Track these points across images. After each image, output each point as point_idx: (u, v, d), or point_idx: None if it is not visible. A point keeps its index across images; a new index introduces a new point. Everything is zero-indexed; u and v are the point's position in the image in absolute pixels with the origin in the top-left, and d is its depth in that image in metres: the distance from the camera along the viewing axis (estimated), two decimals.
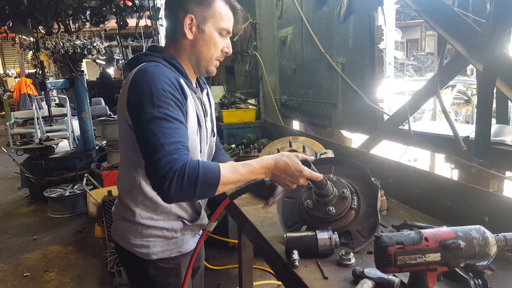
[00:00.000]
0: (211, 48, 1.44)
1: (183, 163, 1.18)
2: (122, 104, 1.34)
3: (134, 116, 1.29)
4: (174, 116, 1.26)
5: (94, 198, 3.34)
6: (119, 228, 1.52)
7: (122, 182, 1.49)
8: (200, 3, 1.40)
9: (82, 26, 6.83)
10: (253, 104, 4.46)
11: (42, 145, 5.84)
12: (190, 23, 1.40)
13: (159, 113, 1.23)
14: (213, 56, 1.46)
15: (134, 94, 1.28)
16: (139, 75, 1.30)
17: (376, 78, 2.44)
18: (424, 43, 18.56)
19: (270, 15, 4.06)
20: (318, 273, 1.30)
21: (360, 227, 1.47)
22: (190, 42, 1.43)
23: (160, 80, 1.28)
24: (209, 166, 1.23)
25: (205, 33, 1.42)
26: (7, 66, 20.32)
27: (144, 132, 1.24)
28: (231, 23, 1.47)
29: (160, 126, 1.22)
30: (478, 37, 1.73)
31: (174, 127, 1.24)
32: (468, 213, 1.56)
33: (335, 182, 1.47)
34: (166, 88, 1.27)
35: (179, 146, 1.22)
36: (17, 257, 4.21)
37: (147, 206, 1.44)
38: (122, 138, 1.43)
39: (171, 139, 1.21)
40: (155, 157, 1.19)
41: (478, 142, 1.75)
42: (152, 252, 1.46)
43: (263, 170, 1.32)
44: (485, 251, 0.98)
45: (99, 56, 14.48)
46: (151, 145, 1.21)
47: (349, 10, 2.60)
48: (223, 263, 3.72)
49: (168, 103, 1.26)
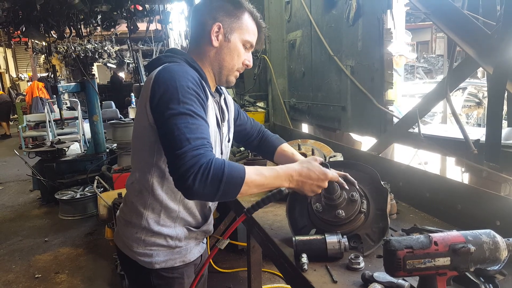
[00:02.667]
0: (234, 57, 1.47)
1: (209, 158, 1.17)
2: (144, 102, 1.34)
3: (158, 112, 1.28)
4: (199, 113, 1.26)
5: (104, 200, 3.36)
6: (122, 235, 1.50)
7: (133, 183, 1.47)
8: (229, 14, 1.44)
9: (94, 31, 6.92)
10: (262, 107, 4.47)
11: (54, 148, 5.91)
12: (218, 31, 1.43)
13: (184, 108, 1.23)
14: (235, 66, 1.49)
15: (158, 91, 1.28)
16: (163, 73, 1.31)
17: (386, 81, 2.43)
18: (434, 45, 18.44)
19: (279, 19, 4.07)
20: (327, 277, 1.30)
21: (369, 230, 1.47)
22: (214, 50, 1.45)
23: (184, 77, 1.29)
24: (234, 165, 1.23)
25: (231, 42, 1.45)
26: (20, 70, 20.65)
27: (169, 127, 1.23)
28: (255, 38, 1.51)
29: (185, 122, 1.22)
30: (488, 40, 1.71)
31: (199, 123, 1.24)
32: (479, 217, 1.54)
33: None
34: (190, 85, 1.28)
35: (204, 142, 1.22)
36: (29, 259, 4.26)
37: (155, 209, 1.43)
38: (137, 138, 1.43)
39: (197, 135, 1.21)
40: (181, 151, 1.17)
41: (489, 145, 1.74)
42: (155, 261, 1.44)
43: (288, 177, 1.32)
44: (496, 255, 0.97)
45: (110, 60, 14.63)
46: (176, 139, 1.20)
47: (358, 13, 2.60)
48: (232, 266, 3.72)
49: (192, 100, 1.26)
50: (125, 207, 1.52)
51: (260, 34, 1.53)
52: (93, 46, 13.41)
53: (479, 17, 1.84)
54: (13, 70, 20.79)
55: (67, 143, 6.31)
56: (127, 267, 1.54)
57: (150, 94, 1.31)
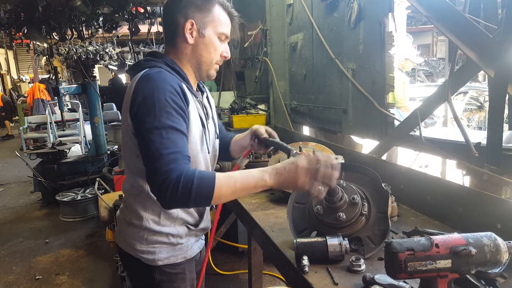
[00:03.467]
0: (211, 52, 1.48)
1: (179, 173, 1.21)
2: (126, 110, 1.36)
3: (136, 124, 1.32)
4: (175, 126, 1.28)
5: (105, 202, 3.36)
6: (124, 234, 1.53)
7: (130, 187, 1.49)
8: (200, 9, 1.43)
9: (95, 32, 6.93)
10: (263, 110, 4.48)
11: (55, 150, 5.92)
12: (191, 28, 1.43)
13: (160, 123, 1.26)
14: (213, 60, 1.50)
15: (136, 102, 1.31)
16: (142, 82, 1.32)
17: (387, 83, 2.43)
18: (435, 48, 18.43)
19: (280, 22, 4.08)
20: (328, 279, 1.30)
21: (370, 233, 1.47)
22: (191, 47, 1.46)
23: (163, 88, 1.30)
24: (204, 175, 1.24)
25: (206, 37, 1.45)
26: (21, 72, 20.67)
27: (144, 142, 1.28)
28: (229, 29, 1.51)
29: (160, 137, 1.25)
30: (490, 44, 1.72)
31: (173, 137, 1.26)
32: (480, 220, 1.54)
33: (345, 188, 1.46)
34: (168, 96, 1.29)
35: (177, 156, 1.24)
36: (29, 260, 4.26)
37: (155, 211, 1.46)
38: (126, 144, 1.45)
39: (170, 149, 1.24)
40: (154, 167, 1.23)
41: (490, 148, 1.74)
42: (158, 258, 1.47)
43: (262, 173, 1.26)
44: (497, 258, 0.97)
45: (111, 62, 14.65)
46: (151, 154, 1.25)
47: (359, 16, 2.60)
48: (232, 268, 3.72)
49: (169, 113, 1.28)
50: (125, 209, 1.54)
51: (233, 23, 1.52)
52: (94, 48, 13.43)
53: (481, 20, 1.85)
54: (15, 72, 20.82)
55: (68, 144, 6.32)
56: (129, 265, 1.56)
57: (130, 103, 1.33)
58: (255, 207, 2.07)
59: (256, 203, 2.13)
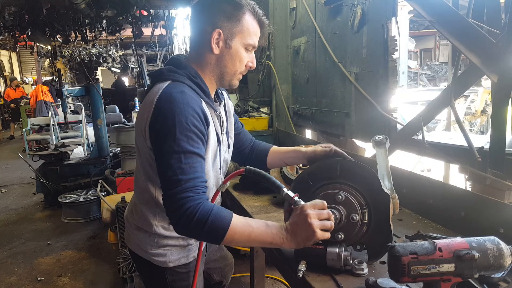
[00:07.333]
0: (236, 63, 1.43)
1: (197, 203, 1.21)
2: (144, 123, 1.33)
3: (156, 145, 1.32)
4: (194, 150, 1.27)
5: (108, 204, 3.37)
6: (134, 237, 1.54)
7: (142, 192, 1.49)
8: (229, 18, 1.37)
9: (99, 35, 6.95)
10: (266, 113, 4.48)
11: (58, 151, 5.94)
12: (218, 38, 1.37)
13: (179, 147, 1.25)
14: (237, 71, 1.45)
15: (157, 122, 1.29)
16: (164, 102, 1.28)
17: (390, 87, 2.44)
18: (438, 53, 18.43)
19: (283, 25, 4.09)
20: (331, 283, 1.30)
21: (373, 238, 1.46)
22: (216, 57, 1.41)
23: (185, 110, 1.27)
24: (222, 214, 1.23)
25: (232, 48, 1.40)
26: (25, 74, 20.75)
27: (163, 165, 1.27)
28: (257, 38, 1.45)
29: (179, 161, 1.24)
30: (493, 48, 1.72)
31: (192, 162, 1.26)
32: (483, 224, 1.54)
33: (344, 202, 1.39)
34: (189, 120, 1.27)
35: (196, 183, 1.24)
36: (32, 262, 4.26)
37: (165, 218, 1.43)
38: (140, 152, 1.43)
39: (189, 175, 1.24)
40: (171, 192, 1.24)
41: (493, 152, 1.74)
42: (169, 260, 1.49)
43: (279, 229, 1.26)
44: (500, 262, 0.98)
45: (114, 64, 14.68)
46: (168, 179, 1.25)
47: (363, 20, 2.61)
48: (234, 271, 3.70)
49: (189, 137, 1.26)
50: (135, 213, 1.54)
51: (263, 31, 1.46)
52: (97, 51, 13.46)
53: (484, 25, 1.86)
54: (18, 74, 20.90)
55: (71, 146, 6.33)
56: (141, 267, 1.58)
57: (150, 120, 1.31)
58: (258, 210, 2.07)
59: (259, 206, 2.13)
